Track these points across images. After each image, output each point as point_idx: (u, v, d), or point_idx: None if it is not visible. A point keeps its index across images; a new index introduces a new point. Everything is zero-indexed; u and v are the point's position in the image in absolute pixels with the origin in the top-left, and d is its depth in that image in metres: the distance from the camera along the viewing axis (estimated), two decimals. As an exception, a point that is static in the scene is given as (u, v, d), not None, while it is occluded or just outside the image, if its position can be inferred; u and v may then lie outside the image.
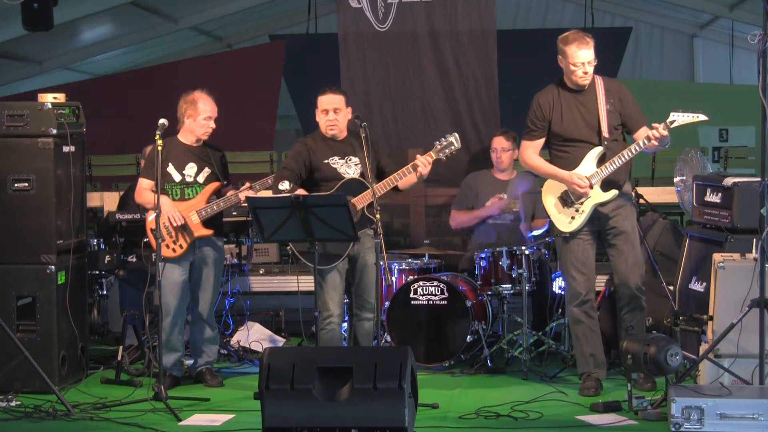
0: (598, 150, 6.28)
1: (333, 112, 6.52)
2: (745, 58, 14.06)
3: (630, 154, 6.19)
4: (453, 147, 6.46)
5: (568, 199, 6.38)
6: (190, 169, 6.83)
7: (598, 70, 6.34)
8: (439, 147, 6.47)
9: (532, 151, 6.48)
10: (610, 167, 6.24)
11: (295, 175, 6.48)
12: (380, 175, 6.58)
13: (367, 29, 8.67)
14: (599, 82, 6.32)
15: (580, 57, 6.19)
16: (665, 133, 6.02)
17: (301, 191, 6.40)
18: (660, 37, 14.90)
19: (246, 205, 6.45)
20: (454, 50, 8.63)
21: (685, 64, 14.86)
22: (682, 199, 7.39)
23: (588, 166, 6.31)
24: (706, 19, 14.32)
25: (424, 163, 6.41)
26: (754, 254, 5.98)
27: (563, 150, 6.41)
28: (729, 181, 6.54)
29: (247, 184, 6.82)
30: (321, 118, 6.58)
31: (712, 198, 6.68)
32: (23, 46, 12.05)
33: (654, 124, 6.07)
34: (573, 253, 6.41)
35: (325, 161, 6.53)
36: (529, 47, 12.49)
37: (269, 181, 6.77)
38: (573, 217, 6.38)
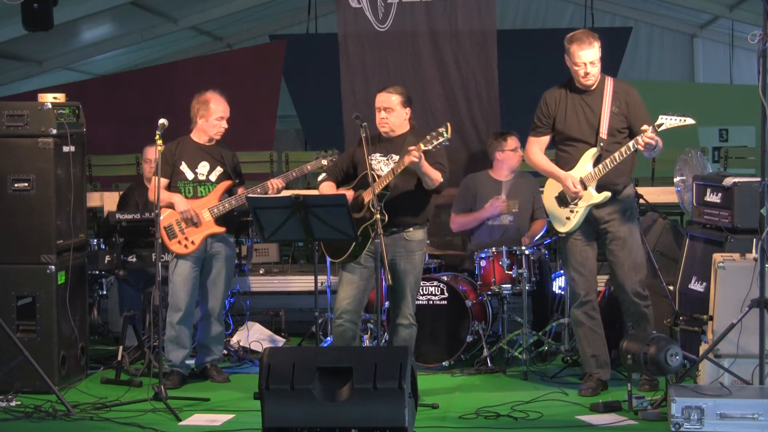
0: (593, 151, 6.26)
1: (384, 111, 6.43)
2: (745, 58, 14.04)
3: (621, 157, 6.14)
4: (442, 138, 6.17)
5: (564, 199, 6.38)
6: (203, 167, 6.87)
7: (596, 71, 6.30)
8: (428, 138, 6.22)
9: (536, 147, 6.46)
10: (603, 169, 6.21)
11: (338, 170, 6.52)
12: None
13: (367, 29, 8.67)
14: (609, 84, 6.28)
15: (582, 57, 6.17)
16: (652, 136, 5.98)
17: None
18: (660, 37, 14.88)
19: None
20: (454, 50, 8.63)
21: (685, 64, 14.84)
22: (682, 199, 7.40)
23: (584, 167, 6.29)
24: (706, 19, 14.30)
25: (413, 156, 6.12)
26: (754, 254, 5.97)
27: (564, 149, 6.39)
28: (729, 181, 6.54)
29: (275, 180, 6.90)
30: (376, 116, 6.48)
31: (712, 198, 6.68)
32: (23, 46, 12.03)
33: (643, 128, 6.04)
34: (572, 254, 6.40)
35: (367, 156, 6.46)
36: (529, 47, 12.48)
37: (293, 174, 6.89)
38: (568, 218, 6.37)
